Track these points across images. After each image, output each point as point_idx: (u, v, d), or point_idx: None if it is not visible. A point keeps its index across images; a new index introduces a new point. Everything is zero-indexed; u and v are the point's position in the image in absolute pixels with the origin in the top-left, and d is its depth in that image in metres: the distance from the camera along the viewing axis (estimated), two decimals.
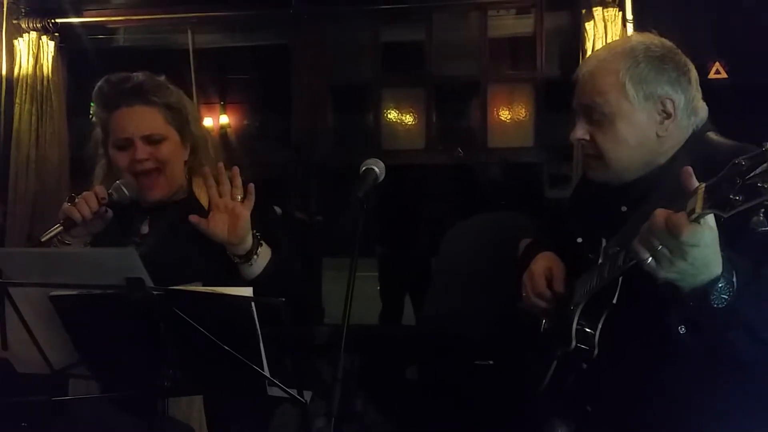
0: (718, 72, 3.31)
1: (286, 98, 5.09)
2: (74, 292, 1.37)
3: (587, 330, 1.44)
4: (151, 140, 1.72)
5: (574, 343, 1.45)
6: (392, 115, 4.88)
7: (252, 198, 1.62)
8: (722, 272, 1.14)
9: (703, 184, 1.07)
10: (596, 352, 1.42)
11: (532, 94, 4.47)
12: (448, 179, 4.90)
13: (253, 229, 1.63)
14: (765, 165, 0.97)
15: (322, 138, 4.78)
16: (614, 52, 1.44)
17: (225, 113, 6.41)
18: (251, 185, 1.64)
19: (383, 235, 4.70)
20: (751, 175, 0.99)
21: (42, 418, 1.59)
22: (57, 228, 1.64)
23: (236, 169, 1.66)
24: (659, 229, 1.11)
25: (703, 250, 1.10)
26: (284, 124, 5.44)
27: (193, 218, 1.64)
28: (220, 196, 1.63)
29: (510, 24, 4.60)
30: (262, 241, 1.64)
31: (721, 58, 3.30)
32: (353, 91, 5.23)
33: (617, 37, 3.30)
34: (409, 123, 4.87)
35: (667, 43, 1.48)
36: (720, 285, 1.14)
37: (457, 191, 4.87)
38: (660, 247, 1.12)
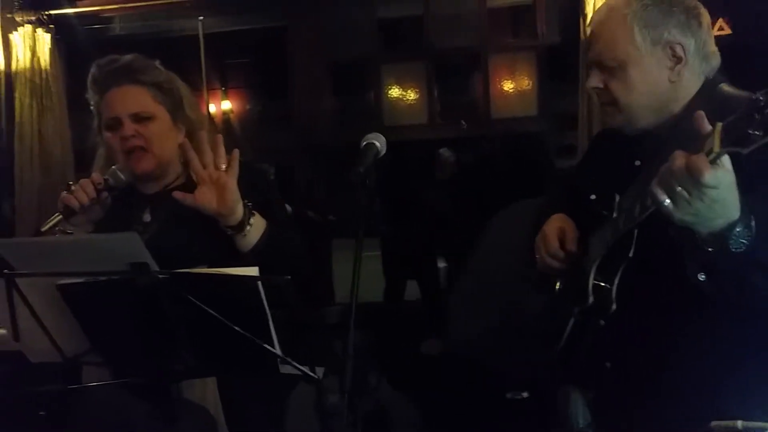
0: (721, 29, 3.27)
1: (286, 81, 5.07)
2: (81, 280, 1.36)
3: (604, 285, 1.43)
4: (139, 118, 1.70)
5: (591, 299, 1.44)
6: (393, 91, 4.84)
7: (236, 165, 1.60)
8: (740, 216, 1.13)
9: (720, 124, 1.06)
10: (614, 307, 1.41)
11: (534, 63, 4.43)
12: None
13: (245, 200, 1.61)
14: None
15: (323, 118, 4.76)
16: None
17: (227, 98, 6.38)
18: (235, 151, 1.61)
19: (388, 212, 4.69)
20: None
21: (58, 407, 1.60)
22: (56, 217, 1.63)
23: (219, 138, 1.64)
24: (679, 171, 1.10)
25: (721, 192, 1.10)
26: (286, 107, 5.43)
27: (177, 194, 1.62)
28: (204, 167, 1.62)
29: None
30: (254, 212, 1.63)
31: (724, 14, 3.25)
32: (353, 69, 5.19)
33: None
34: (411, 98, 4.83)
35: None
36: (738, 229, 1.13)
37: (462, 164, 4.86)
38: (679, 188, 1.11)
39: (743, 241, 1.14)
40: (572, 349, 1.53)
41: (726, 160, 1.07)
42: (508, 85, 4.63)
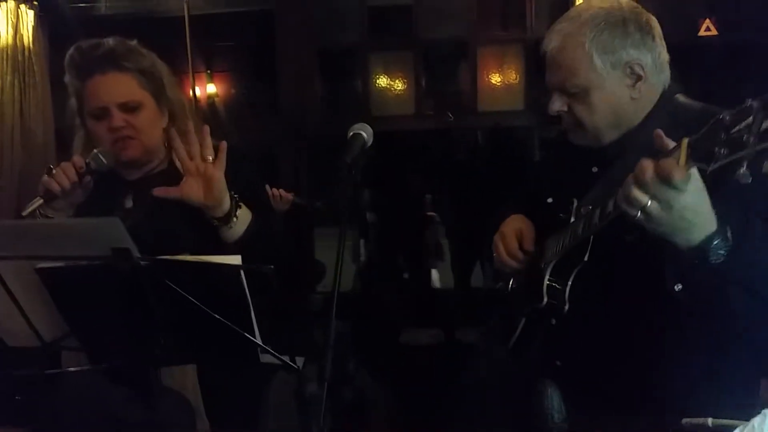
0: (708, 29, 3.29)
1: (273, 65, 5.02)
2: (61, 264, 1.35)
3: (558, 286, 1.46)
4: (127, 107, 1.68)
5: (545, 299, 1.47)
6: (381, 80, 4.83)
7: (223, 157, 1.59)
8: (717, 227, 1.15)
9: (686, 139, 1.07)
10: (567, 307, 1.44)
11: (522, 56, 4.43)
12: (438, 144, 4.88)
13: (231, 191, 1.60)
14: (750, 119, 0.98)
15: (310, 105, 4.73)
16: (577, 23, 1.44)
17: (212, 82, 6.31)
18: (223, 143, 1.60)
19: (373, 201, 4.69)
20: (736, 129, 1.00)
21: (35, 391, 1.59)
22: (37, 201, 1.61)
23: (206, 128, 1.62)
24: (648, 175, 1.10)
25: (688, 198, 1.11)
26: (272, 92, 5.39)
27: (159, 191, 1.61)
28: (191, 158, 1.60)
29: None
30: (240, 203, 1.62)
31: (711, 15, 3.27)
32: (341, 56, 5.16)
33: None
34: (398, 88, 4.82)
35: (627, 2, 1.47)
36: (716, 241, 1.15)
37: (447, 156, 4.86)
38: (648, 201, 1.11)
39: (721, 252, 1.16)
40: (523, 347, 1.56)
41: (695, 172, 1.09)
42: (495, 78, 4.63)
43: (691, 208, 1.12)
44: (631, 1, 1.47)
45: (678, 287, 1.22)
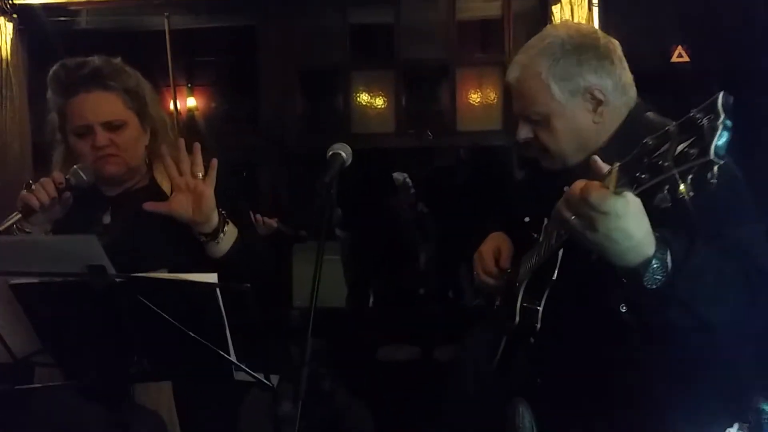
0: (680, 55, 3.38)
1: (255, 80, 5.03)
2: (35, 281, 1.35)
3: (532, 306, 1.48)
4: (111, 126, 1.69)
5: (518, 319, 1.49)
6: (362, 98, 4.86)
7: (214, 174, 1.60)
8: (655, 253, 1.15)
9: (618, 164, 1.09)
10: (539, 326, 1.46)
11: (501, 77, 4.50)
12: (417, 162, 4.92)
13: (218, 208, 1.62)
14: (666, 145, 1.00)
15: (291, 121, 4.75)
16: (533, 54, 1.46)
17: (192, 96, 6.30)
18: (214, 161, 1.62)
19: (353, 219, 4.70)
20: (656, 153, 1.01)
21: (6, 408, 1.57)
22: (16, 216, 1.61)
23: (197, 146, 1.64)
24: (573, 194, 1.13)
25: (615, 221, 1.10)
26: (253, 107, 5.39)
27: (149, 205, 1.62)
28: (181, 174, 1.61)
29: (478, 6, 4.60)
30: (227, 220, 1.64)
31: (683, 42, 3.37)
32: (322, 74, 5.19)
33: (584, 20, 3.33)
34: (379, 106, 4.85)
35: (584, 28, 1.50)
36: (654, 266, 1.15)
37: (426, 174, 4.90)
38: (570, 217, 1.14)
39: (657, 277, 1.15)
40: (506, 365, 1.58)
41: (630, 195, 1.09)
42: (474, 98, 4.69)
43: (620, 230, 1.12)
44: (590, 26, 1.50)
45: (623, 308, 1.25)
